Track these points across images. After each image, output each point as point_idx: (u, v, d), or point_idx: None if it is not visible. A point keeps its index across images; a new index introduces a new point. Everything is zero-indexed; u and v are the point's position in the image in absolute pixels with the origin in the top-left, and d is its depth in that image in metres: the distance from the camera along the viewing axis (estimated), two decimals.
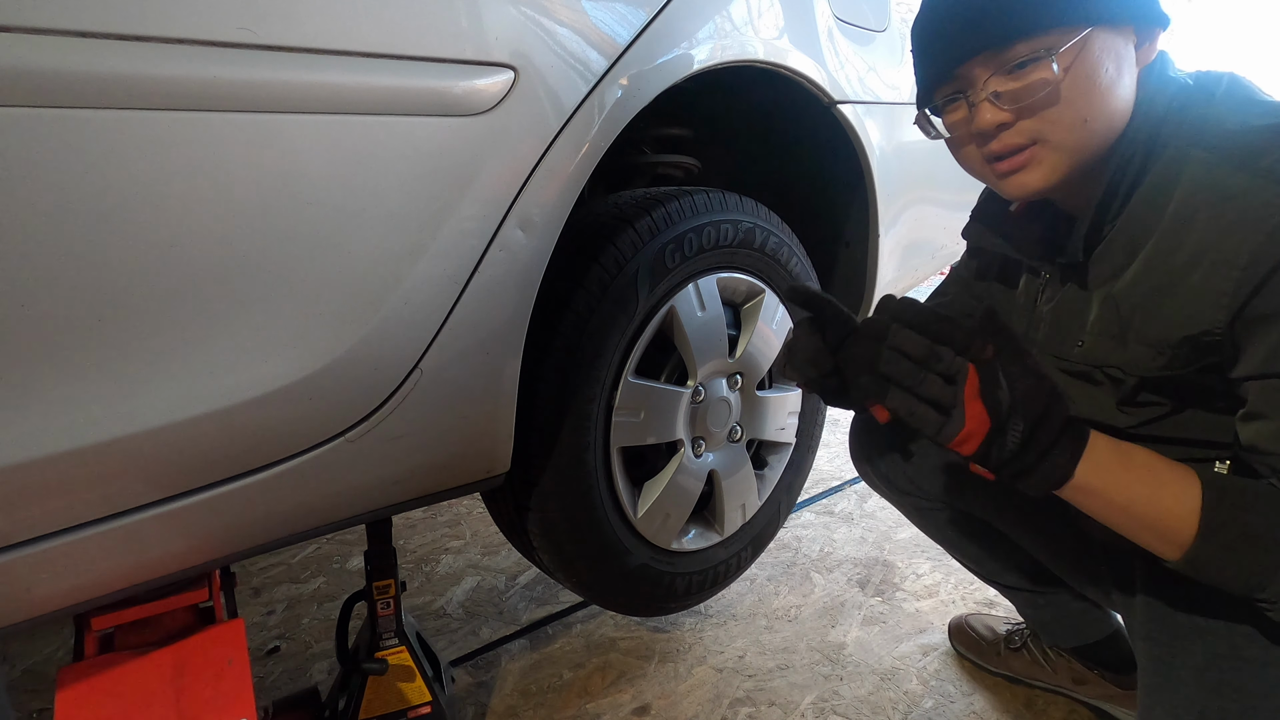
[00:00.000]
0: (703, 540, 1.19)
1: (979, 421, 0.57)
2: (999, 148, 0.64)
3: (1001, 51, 0.60)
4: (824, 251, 1.43)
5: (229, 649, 0.73)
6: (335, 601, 1.42)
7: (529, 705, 1.10)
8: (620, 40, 0.83)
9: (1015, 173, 0.64)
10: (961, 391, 0.56)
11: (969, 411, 0.56)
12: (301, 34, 0.59)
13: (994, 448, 0.57)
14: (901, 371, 0.57)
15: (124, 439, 0.58)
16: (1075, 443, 0.58)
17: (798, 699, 1.09)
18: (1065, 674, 1.06)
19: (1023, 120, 0.62)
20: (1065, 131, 0.61)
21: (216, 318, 0.60)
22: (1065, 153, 0.62)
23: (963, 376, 0.57)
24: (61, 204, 0.52)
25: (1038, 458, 0.58)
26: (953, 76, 0.64)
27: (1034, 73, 0.60)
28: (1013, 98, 0.61)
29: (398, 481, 0.78)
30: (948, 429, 0.57)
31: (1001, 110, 0.62)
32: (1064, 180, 0.64)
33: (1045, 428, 0.57)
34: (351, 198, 0.64)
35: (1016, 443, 0.57)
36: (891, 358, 0.57)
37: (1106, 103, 0.61)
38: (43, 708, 1.13)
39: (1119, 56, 0.61)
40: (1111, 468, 0.59)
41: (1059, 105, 0.60)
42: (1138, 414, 0.67)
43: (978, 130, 0.64)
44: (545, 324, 0.90)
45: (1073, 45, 0.58)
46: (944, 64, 0.64)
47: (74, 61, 0.50)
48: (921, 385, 0.57)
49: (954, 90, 0.65)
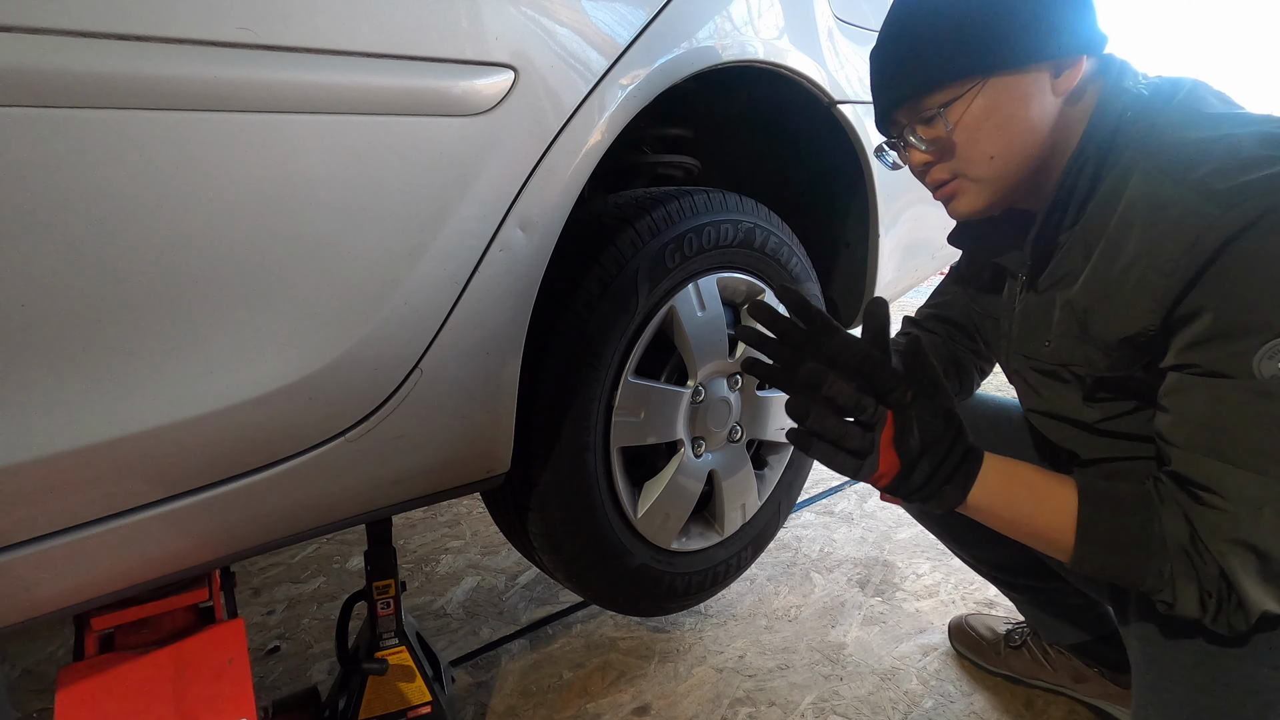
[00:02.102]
0: (703, 540, 1.19)
1: (890, 465, 0.66)
2: (929, 182, 0.75)
3: (918, 102, 0.70)
4: (824, 251, 1.43)
5: (229, 649, 0.73)
6: (335, 601, 1.42)
7: (529, 705, 1.10)
8: (620, 40, 0.83)
9: (949, 200, 0.75)
10: (878, 439, 0.66)
11: (883, 458, 0.66)
12: (301, 34, 0.59)
13: (902, 485, 0.67)
14: (826, 429, 0.65)
15: (124, 439, 0.57)
16: (968, 475, 0.67)
17: (798, 699, 1.09)
18: (1065, 672, 1.06)
19: (941, 160, 0.72)
20: (976, 168, 0.70)
21: (217, 318, 0.60)
22: (983, 184, 0.71)
23: (880, 425, 0.66)
24: (61, 204, 0.52)
25: (936, 489, 0.67)
26: (891, 120, 0.75)
27: (935, 125, 0.69)
28: (927, 142, 0.71)
29: (398, 481, 0.78)
30: (863, 472, 0.67)
31: (922, 153, 0.72)
32: (992, 205, 0.73)
33: (945, 465, 0.66)
34: (351, 198, 0.64)
35: (920, 480, 0.66)
36: (818, 414, 0.65)
37: (1011, 138, 0.68)
38: (43, 708, 1.13)
39: (1024, 94, 0.67)
40: (999, 490, 0.67)
41: (960, 149, 0.69)
42: (1102, 409, 0.72)
43: (911, 165, 0.75)
44: (545, 324, 0.90)
45: (963, 99, 0.67)
46: (882, 108, 0.75)
47: (74, 61, 0.50)
48: (843, 439, 0.65)
49: (894, 132, 0.76)
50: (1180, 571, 0.60)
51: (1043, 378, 0.77)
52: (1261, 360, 0.55)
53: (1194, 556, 0.59)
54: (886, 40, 0.72)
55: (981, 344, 0.97)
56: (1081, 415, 0.74)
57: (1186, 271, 0.57)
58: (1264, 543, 0.57)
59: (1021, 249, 0.76)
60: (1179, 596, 0.61)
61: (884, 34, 0.73)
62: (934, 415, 0.66)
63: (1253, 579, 0.58)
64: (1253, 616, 0.59)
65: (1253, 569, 0.58)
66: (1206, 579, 0.59)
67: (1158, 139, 0.64)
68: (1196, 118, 0.64)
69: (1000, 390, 2.43)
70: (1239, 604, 0.59)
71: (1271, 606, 0.58)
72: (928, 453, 0.65)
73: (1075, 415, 0.75)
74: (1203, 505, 0.59)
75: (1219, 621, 0.60)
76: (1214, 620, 0.60)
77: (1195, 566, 0.59)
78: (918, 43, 0.68)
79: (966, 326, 0.97)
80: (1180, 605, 0.61)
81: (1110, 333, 0.65)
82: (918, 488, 0.67)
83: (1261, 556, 0.57)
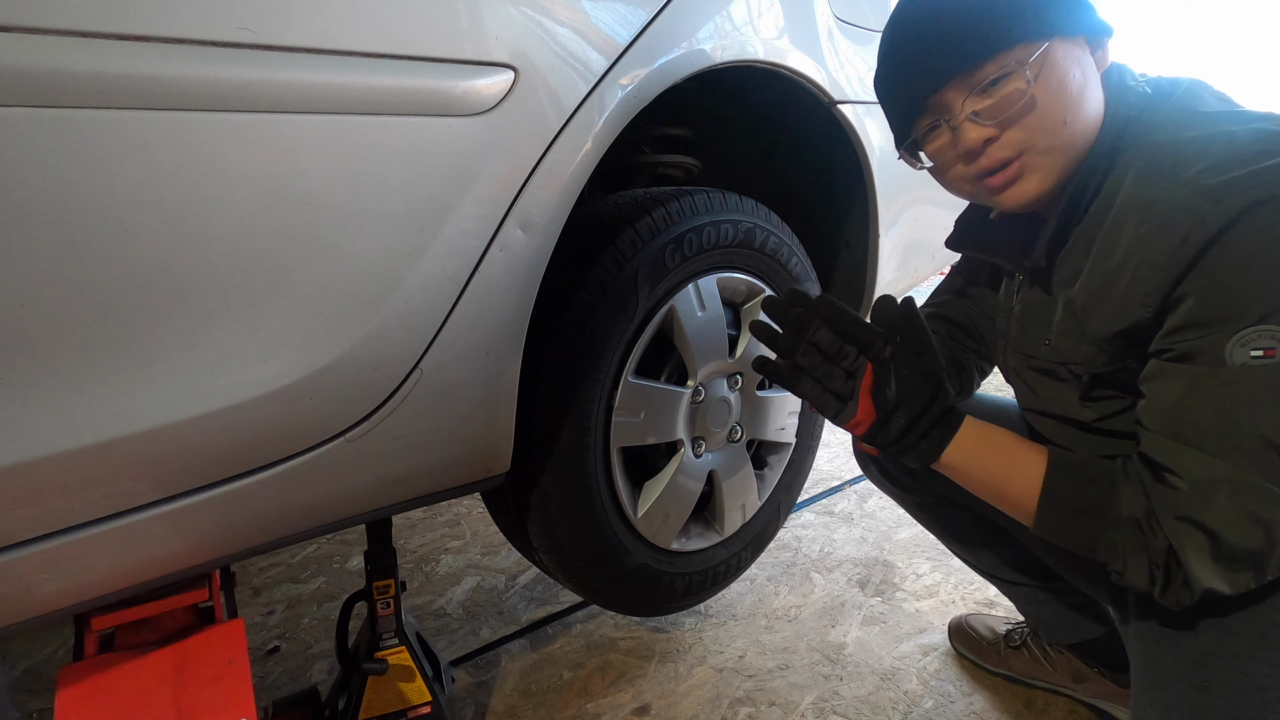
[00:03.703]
0: (703, 540, 1.19)
1: (867, 413, 0.70)
2: (988, 163, 0.68)
3: (971, 74, 0.65)
4: (824, 251, 1.43)
5: (229, 649, 0.73)
6: (335, 601, 1.42)
7: (529, 705, 1.10)
8: (620, 40, 0.83)
9: (1010, 185, 0.68)
10: (859, 386, 0.70)
11: (861, 404, 0.70)
12: (301, 34, 0.59)
13: (878, 434, 0.71)
14: (813, 364, 0.72)
15: (124, 439, 0.57)
16: (945, 432, 0.70)
17: (798, 699, 1.09)
18: (1065, 672, 1.06)
19: (1006, 133, 0.66)
20: (1049, 135, 0.65)
21: (217, 318, 0.60)
22: (1054, 155, 0.66)
23: (861, 373, 0.70)
24: (61, 204, 0.52)
25: (912, 443, 0.70)
26: (927, 108, 0.70)
27: (1007, 85, 0.64)
28: (992, 113, 0.65)
29: (398, 481, 0.78)
30: (842, 415, 0.71)
31: (985, 126, 0.66)
32: (1058, 183, 0.68)
33: (922, 420, 0.69)
34: (351, 198, 0.64)
35: (896, 431, 0.70)
36: (807, 351, 0.72)
37: (1081, 104, 0.65)
38: (43, 708, 1.13)
39: (1082, 63, 0.66)
40: (973, 451, 0.70)
41: (1037, 111, 0.64)
42: (1099, 408, 0.72)
43: (965, 150, 0.68)
44: (545, 324, 0.90)
45: (1039, 56, 0.63)
46: (916, 97, 0.69)
47: (74, 61, 0.50)
48: (827, 378, 0.71)
49: (932, 120, 0.70)
50: (1131, 544, 0.62)
51: (1040, 376, 0.78)
52: (1234, 348, 0.57)
53: (1145, 531, 0.62)
54: (917, 20, 0.69)
55: (981, 344, 0.97)
56: (1078, 414, 0.74)
57: (1178, 265, 0.58)
58: (1214, 522, 0.58)
59: (1020, 250, 0.76)
60: (1129, 567, 0.63)
61: (907, 16, 0.70)
62: (913, 371, 0.69)
63: (1202, 558, 0.59)
64: (1196, 594, 0.61)
65: (1204, 548, 0.59)
66: (1155, 553, 0.61)
67: (1154, 138, 0.64)
68: (1192, 117, 0.64)
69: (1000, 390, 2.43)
70: (1185, 581, 0.60)
71: (1218, 585, 0.60)
72: (903, 405, 0.69)
73: (1072, 414, 0.75)
74: (1162, 485, 0.61)
75: (1166, 596, 0.62)
76: (1162, 594, 0.62)
77: (1145, 539, 0.62)
78: (964, 11, 0.65)
79: (966, 326, 0.97)
80: (1129, 576, 0.64)
81: (1105, 328, 0.66)
82: (894, 439, 0.70)
83: (1212, 536, 0.58)
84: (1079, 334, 0.69)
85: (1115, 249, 0.64)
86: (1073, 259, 0.71)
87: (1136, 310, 0.62)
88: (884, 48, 0.73)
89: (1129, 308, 0.63)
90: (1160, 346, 0.62)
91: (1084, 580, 0.91)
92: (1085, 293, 0.68)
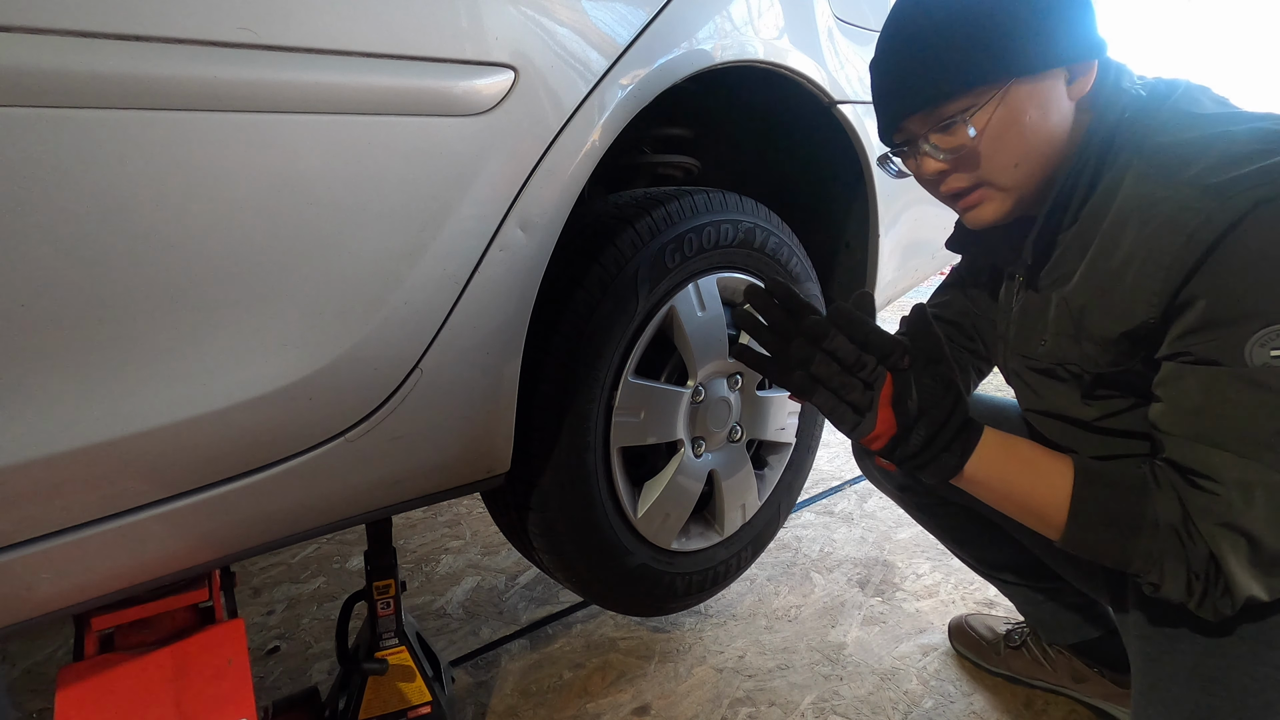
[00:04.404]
0: (703, 540, 1.19)
1: (888, 425, 0.66)
2: (947, 191, 0.73)
3: (931, 112, 0.68)
4: (824, 251, 1.43)
5: (229, 649, 0.73)
6: (335, 601, 1.42)
7: (529, 705, 1.10)
8: (620, 40, 0.83)
9: (970, 209, 0.73)
10: (878, 398, 0.66)
11: (880, 415, 0.66)
12: (301, 34, 0.59)
13: (898, 448, 0.67)
14: (829, 374, 0.67)
15: (124, 439, 0.57)
16: (966, 444, 0.67)
17: (798, 699, 1.09)
18: (1065, 672, 1.06)
19: (960, 169, 0.70)
20: (1000, 175, 0.69)
21: (216, 318, 0.60)
22: (1008, 191, 0.70)
23: (880, 384, 0.66)
24: (61, 204, 0.52)
25: (932, 457, 0.67)
26: (899, 128, 0.72)
27: (956, 132, 0.67)
28: (946, 150, 0.69)
29: (398, 481, 0.78)
30: (861, 429, 0.67)
31: (939, 161, 0.70)
32: (1013, 211, 0.71)
33: (943, 433, 0.66)
34: (351, 198, 0.64)
35: (918, 445, 0.66)
36: (824, 360, 0.67)
37: (1033, 144, 0.67)
38: (43, 708, 1.13)
39: (1044, 99, 0.66)
40: (996, 463, 0.68)
41: (984, 157, 0.68)
42: (1100, 406, 0.72)
43: (924, 176, 0.73)
44: (545, 324, 0.90)
45: (989, 104, 0.65)
46: (889, 117, 0.73)
47: (74, 61, 0.50)
48: (844, 389, 0.67)
49: (902, 140, 0.73)
50: (1170, 552, 0.61)
51: (1040, 377, 0.77)
52: (1253, 348, 0.56)
53: (1184, 538, 0.60)
54: (894, 47, 0.70)
55: (980, 345, 0.97)
56: (1079, 414, 0.74)
57: (1184, 264, 0.58)
58: (1254, 527, 0.57)
59: (1016, 250, 0.76)
60: (1166, 578, 0.61)
61: (889, 40, 0.71)
62: (934, 380, 0.66)
63: (1242, 563, 0.58)
64: (1238, 602, 0.59)
65: (1243, 554, 0.58)
66: (1195, 561, 0.60)
67: (1152, 140, 0.64)
68: (1190, 119, 0.64)
69: (1000, 391, 2.44)
70: (1226, 588, 0.59)
71: (1258, 592, 0.59)
72: (925, 416, 0.66)
73: (1073, 414, 0.75)
74: (1197, 490, 0.60)
75: (1204, 606, 0.61)
76: (1199, 604, 0.61)
77: (1185, 548, 0.60)
78: (931, 49, 0.66)
79: (965, 327, 0.97)
80: (1167, 587, 0.62)
81: (1110, 328, 0.65)
82: (915, 452, 0.67)
83: (1252, 541, 0.58)
84: (1077, 334, 0.69)
85: (1117, 249, 0.64)
86: (1068, 259, 0.71)
87: (1142, 310, 0.62)
88: (873, 59, 0.74)
89: (1135, 308, 0.63)
90: (1174, 350, 0.61)
91: (1084, 580, 0.91)
92: (1085, 292, 0.68)
